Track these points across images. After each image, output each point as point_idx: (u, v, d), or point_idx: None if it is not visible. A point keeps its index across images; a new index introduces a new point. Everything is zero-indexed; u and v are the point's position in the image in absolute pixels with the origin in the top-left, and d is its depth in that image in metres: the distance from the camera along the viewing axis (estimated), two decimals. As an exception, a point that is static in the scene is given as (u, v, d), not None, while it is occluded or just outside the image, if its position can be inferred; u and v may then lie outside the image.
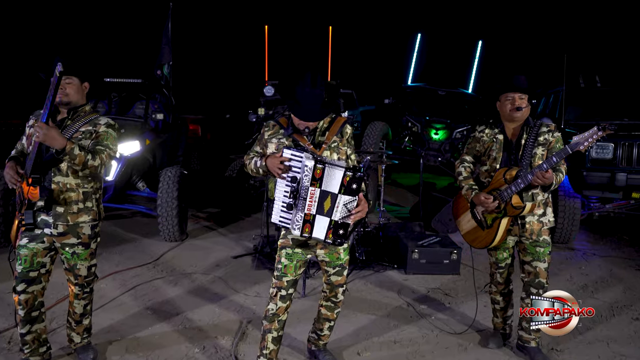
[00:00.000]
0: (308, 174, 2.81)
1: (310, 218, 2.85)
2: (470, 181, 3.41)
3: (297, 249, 3.02)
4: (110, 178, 5.78)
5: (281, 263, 3.02)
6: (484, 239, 3.36)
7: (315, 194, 2.83)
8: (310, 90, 2.85)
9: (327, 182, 2.82)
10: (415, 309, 4.24)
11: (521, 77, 3.32)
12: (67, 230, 3.07)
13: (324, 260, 3.10)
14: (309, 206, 2.84)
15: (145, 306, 4.22)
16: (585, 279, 5.05)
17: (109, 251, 5.68)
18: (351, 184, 2.81)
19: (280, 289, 3.00)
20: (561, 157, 3.04)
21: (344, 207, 2.83)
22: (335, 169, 2.81)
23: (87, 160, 2.92)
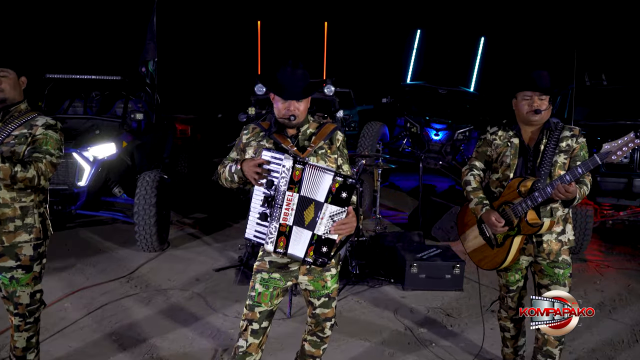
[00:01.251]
0: (286, 175, 2.34)
1: (285, 229, 2.38)
2: (480, 193, 2.93)
3: (274, 274, 2.55)
4: (82, 183, 5.32)
5: (255, 290, 2.55)
6: (493, 259, 2.90)
7: (293, 200, 2.36)
8: (292, 70, 2.49)
9: (309, 187, 2.35)
10: (414, 333, 3.77)
11: (543, 73, 2.81)
12: (2, 252, 2.61)
13: (308, 289, 2.63)
14: (284, 215, 2.37)
15: (110, 330, 3.76)
16: (600, 296, 4.59)
17: (82, 262, 5.23)
18: (340, 192, 2.33)
19: (252, 321, 2.52)
20: (588, 168, 2.57)
21: (329, 219, 2.34)
22: (321, 172, 2.34)
23: (15, 173, 2.45)
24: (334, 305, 2.68)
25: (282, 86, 2.47)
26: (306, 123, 2.61)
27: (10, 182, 2.49)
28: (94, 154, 5.37)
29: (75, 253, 5.47)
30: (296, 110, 2.48)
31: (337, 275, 2.66)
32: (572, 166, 2.78)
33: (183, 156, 8.97)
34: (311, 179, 2.34)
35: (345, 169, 2.68)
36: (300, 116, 2.51)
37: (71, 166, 5.27)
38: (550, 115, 6.65)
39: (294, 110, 2.48)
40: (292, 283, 2.60)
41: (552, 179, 2.75)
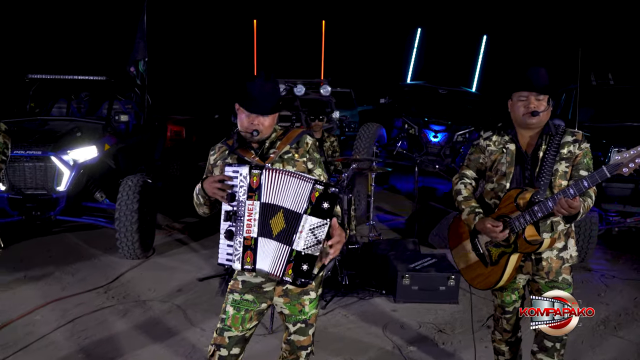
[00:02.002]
0: (244, 184, 2.12)
1: (251, 242, 2.14)
2: (473, 202, 2.65)
3: (247, 295, 2.32)
4: (61, 188, 5.11)
5: (226, 312, 2.32)
6: (487, 278, 2.63)
7: (254, 208, 2.12)
8: (262, 82, 2.27)
9: (272, 193, 2.12)
10: (402, 352, 3.51)
11: (540, 71, 2.54)
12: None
13: (283, 312, 2.39)
14: (247, 226, 2.13)
15: (79, 347, 3.53)
16: (606, 310, 4.31)
17: (62, 270, 5.01)
18: (321, 202, 2.08)
19: (220, 347, 2.29)
20: (595, 181, 2.29)
21: (310, 232, 2.09)
22: (291, 178, 2.11)
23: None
24: (311, 332, 2.42)
25: (249, 98, 2.25)
26: (273, 132, 2.38)
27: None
28: (74, 157, 5.16)
29: (55, 260, 5.26)
30: (260, 125, 2.26)
31: (317, 299, 2.40)
32: (574, 175, 2.52)
33: (176, 158, 8.74)
34: (274, 184, 2.12)
35: (317, 174, 2.44)
36: (264, 131, 2.29)
37: (50, 170, 5.05)
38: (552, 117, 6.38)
39: (257, 125, 2.26)
40: (267, 305, 2.37)
41: (552, 189, 2.49)
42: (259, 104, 2.24)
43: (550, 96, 2.56)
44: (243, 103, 2.27)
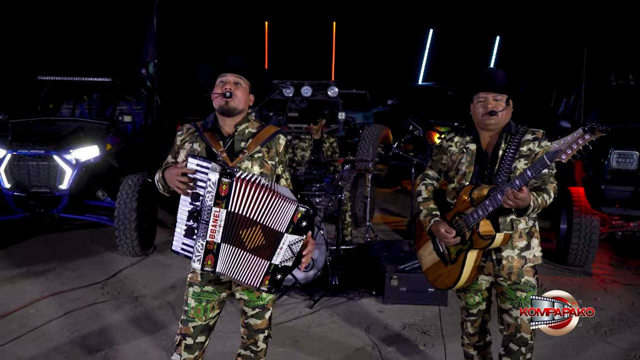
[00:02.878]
0: (212, 190, 2.14)
1: (213, 247, 2.19)
2: (431, 204, 2.66)
3: (207, 287, 2.37)
4: (64, 186, 5.26)
5: (188, 305, 2.38)
6: (447, 277, 2.61)
7: (220, 216, 2.15)
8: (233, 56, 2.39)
9: (242, 203, 2.14)
10: (381, 353, 3.51)
11: (498, 72, 2.57)
12: None
13: (243, 298, 2.44)
14: (212, 232, 2.17)
15: (68, 339, 3.64)
16: (599, 315, 4.20)
17: (63, 266, 5.17)
18: (302, 221, 2.17)
19: (185, 336, 2.35)
20: (537, 170, 2.27)
21: (288, 248, 2.19)
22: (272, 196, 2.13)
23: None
24: (267, 316, 2.48)
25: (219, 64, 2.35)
26: (246, 122, 2.41)
27: None
28: (76, 156, 5.30)
29: (58, 257, 5.42)
30: (231, 87, 2.30)
31: None
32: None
33: (186, 158, 8.87)
34: (248, 198, 2.13)
35: (285, 177, 2.47)
36: (238, 98, 2.31)
37: (52, 169, 5.21)
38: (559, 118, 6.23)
39: (229, 88, 2.30)
40: (227, 294, 2.43)
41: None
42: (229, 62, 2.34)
43: (509, 96, 2.55)
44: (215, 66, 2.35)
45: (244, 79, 2.35)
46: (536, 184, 2.46)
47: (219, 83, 2.32)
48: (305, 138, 5.85)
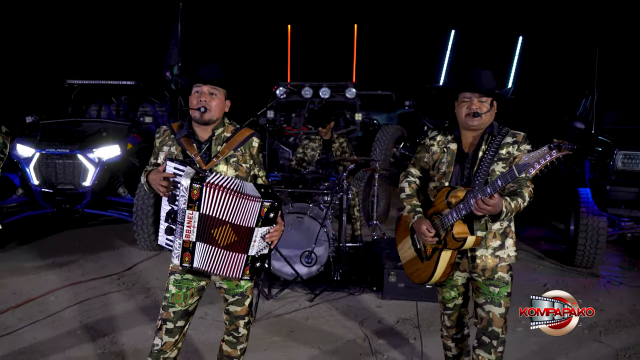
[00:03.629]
0: (184, 194, 2.34)
1: (189, 245, 2.39)
2: (414, 201, 2.76)
3: (187, 275, 2.57)
4: (87, 183, 5.59)
5: (169, 291, 2.58)
6: (423, 272, 2.73)
7: (193, 218, 2.35)
8: (209, 63, 2.56)
9: (213, 206, 2.31)
10: (370, 344, 3.65)
11: (484, 73, 2.61)
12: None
13: (222, 287, 2.64)
14: (187, 232, 2.37)
15: (81, 324, 3.92)
16: (597, 316, 4.19)
17: (86, 258, 5.50)
18: (269, 214, 2.35)
19: (166, 321, 2.56)
20: (507, 181, 2.34)
21: (261, 239, 2.39)
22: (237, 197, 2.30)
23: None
24: (247, 303, 2.66)
25: (195, 75, 2.51)
26: (221, 126, 2.59)
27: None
28: (98, 155, 5.63)
29: (82, 250, 5.77)
30: (206, 102, 2.45)
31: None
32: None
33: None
34: (217, 201, 2.31)
35: (261, 175, 2.65)
36: (213, 111, 2.48)
37: (76, 167, 5.55)
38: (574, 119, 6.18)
39: (204, 101, 2.46)
40: (206, 283, 2.62)
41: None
42: (204, 73, 2.49)
43: (493, 99, 2.63)
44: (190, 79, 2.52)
45: (219, 88, 2.51)
46: (512, 188, 2.53)
47: (194, 93, 2.48)
48: (315, 138, 6.02)
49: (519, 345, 3.69)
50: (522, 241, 6.45)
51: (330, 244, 4.77)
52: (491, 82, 2.60)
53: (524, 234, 6.82)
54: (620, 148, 4.81)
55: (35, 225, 6.34)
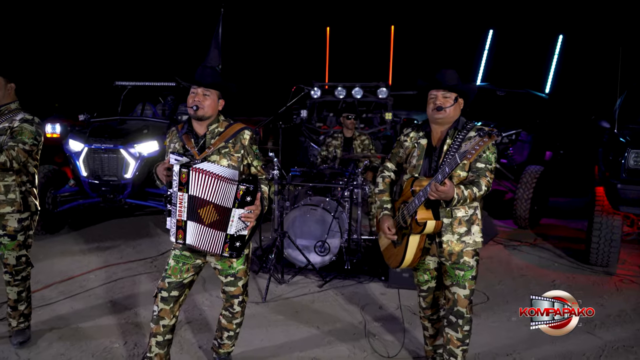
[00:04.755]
0: (176, 178, 2.73)
1: (182, 224, 2.78)
2: (384, 196, 3.04)
3: (185, 252, 2.95)
4: (128, 176, 6.15)
5: (168, 264, 2.98)
6: (396, 257, 2.98)
7: (184, 199, 2.73)
8: (203, 67, 2.90)
9: (199, 188, 2.70)
10: (366, 326, 3.91)
11: (447, 72, 2.88)
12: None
13: (217, 267, 3.01)
14: (179, 211, 2.76)
15: (111, 299, 4.41)
16: (597, 312, 4.21)
17: (126, 244, 6.06)
18: (245, 197, 2.69)
19: (162, 290, 2.95)
20: (451, 167, 2.56)
21: (239, 220, 2.72)
22: (217, 180, 2.66)
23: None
24: (241, 284, 3.00)
25: (192, 78, 2.86)
26: (216, 122, 2.96)
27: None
28: (139, 150, 6.18)
29: (124, 236, 6.35)
30: (199, 101, 2.83)
31: (244, 257, 2.97)
32: (473, 167, 2.78)
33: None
34: (201, 183, 2.67)
35: (255, 164, 2.98)
36: (206, 109, 2.84)
37: (119, 161, 6.12)
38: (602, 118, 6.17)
39: (197, 101, 2.83)
40: (202, 262, 2.98)
41: (452, 179, 2.78)
42: (198, 77, 2.84)
43: (458, 95, 2.85)
44: (186, 81, 2.88)
45: (212, 90, 2.87)
46: (472, 177, 2.76)
47: (191, 93, 2.86)
48: (337, 136, 6.32)
49: (510, 333, 3.86)
50: (546, 240, 6.49)
51: (343, 235, 5.06)
52: (454, 80, 2.83)
53: (552, 233, 6.84)
54: (633, 147, 4.81)
55: (85, 214, 7.01)
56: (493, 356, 3.50)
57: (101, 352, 3.47)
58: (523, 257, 5.81)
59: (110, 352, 3.46)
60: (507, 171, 7.48)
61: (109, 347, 3.52)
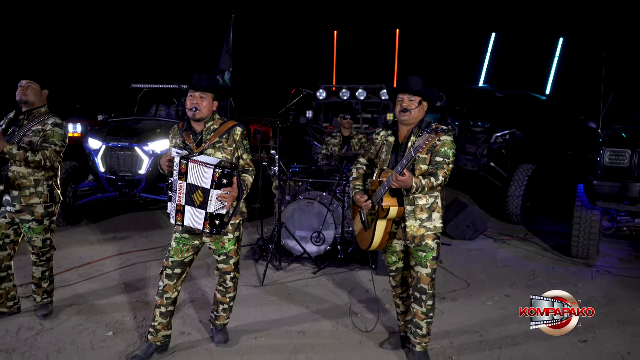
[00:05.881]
0: (177, 169, 3.18)
1: (181, 208, 3.22)
2: (358, 182, 3.45)
3: (185, 235, 3.39)
4: (142, 172, 6.64)
5: (171, 246, 3.42)
6: (366, 240, 3.37)
7: (183, 186, 3.18)
8: (199, 74, 3.30)
9: (194, 177, 3.14)
10: (351, 307, 4.32)
11: (413, 79, 3.27)
12: (22, 209, 3.78)
13: (211, 248, 3.44)
14: (179, 197, 3.20)
15: (125, 281, 4.89)
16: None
17: (139, 235, 6.56)
18: (222, 179, 3.11)
19: (166, 268, 3.39)
20: (408, 159, 2.95)
21: (217, 200, 3.14)
22: (202, 167, 3.12)
23: (27, 157, 3.58)
24: (232, 262, 3.44)
25: (190, 83, 3.29)
26: (212, 121, 3.39)
27: (25, 163, 3.65)
28: (152, 148, 6.66)
29: (138, 228, 6.85)
30: (197, 104, 3.26)
31: (234, 239, 3.41)
32: (433, 161, 3.17)
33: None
34: (195, 171, 3.13)
35: (244, 157, 3.41)
36: (203, 111, 3.27)
37: (134, 158, 6.62)
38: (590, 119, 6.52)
39: (195, 103, 3.26)
40: (199, 243, 3.41)
41: (414, 171, 3.17)
42: (195, 83, 3.26)
43: (422, 98, 3.24)
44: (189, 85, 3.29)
45: (207, 93, 3.31)
46: (431, 170, 3.15)
47: (189, 96, 3.29)
48: (336, 135, 6.74)
49: (482, 315, 4.23)
50: (536, 235, 6.81)
51: (337, 227, 5.47)
52: (418, 85, 3.22)
53: (543, 229, 7.15)
54: (608, 146, 5.13)
55: (103, 208, 7.54)
56: (462, 333, 3.87)
57: (114, 324, 3.93)
58: (510, 250, 6.15)
59: (122, 325, 3.93)
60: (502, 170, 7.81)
61: (121, 320, 3.99)
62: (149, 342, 3.43)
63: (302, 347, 3.60)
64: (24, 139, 3.75)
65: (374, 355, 3.52)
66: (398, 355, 3.51)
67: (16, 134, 3.76)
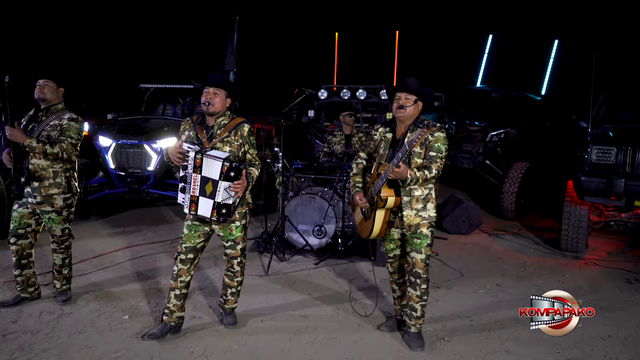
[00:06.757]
0: (192, 163, 3.45)
1: (194, 199, 3.49)
2: (357, 178, 3.72)
3: (196, 222, 3.66)
4: (151, 168, 6.92)
5: (183, 232, 3.69)
6: (366, 229, 3.64)
7: (197, 179, 3.45)
8: (213, 73, 3.58)
9: (207, 169, 3.42)
10: (350, 293, 4.59)
11: (410, 79, 3.54)
12: (42, 200, 4.05)
13: (219, 234, 3.71)
14: (193, 189, 3.47)
15: (136, 271, 5.16)
16: (555, 287, 4.87)
17: (148, 229, 6.83)
18: (229, 172, 3.39)
19: (180, 253, 3.66)
20: (403, 152, 3.22)
21: (224, 190, 3.42)
22: (214, 160, 3.40)
23: (46, 149, 3.86)
24: (239, 248, 3.71)
25: (205, 80, 3.57)
26: (223, 116, 3.66)
27: (43, 155, 3.92)
28: (160, 145, 6.94)
29: (147, 222, 7.12)
30: (210, 99, 3.52)
31: (241, 226, 3.68)
32: (427, 155, 3.43)
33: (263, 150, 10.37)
34: (208, 165, 3.40)
35: (251, 152, 3.68)
36: (215, 105, 3.54)
37: (143, 155, 6.89)
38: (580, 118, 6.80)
39: (209, 98, 3.53)
40: (209, 229, 3.68)
41: (410, 165, 3.44)
42: (210, 79, 3.53)
43: (418, 97, 3.51)
44: (202, 82, 3.55)
45: (221, 89, 3.59)
46: (425, 163, 3.42)
47: (204, 93, 3.57)
48: (337, 134, 7.00)
49: (474, 302, 4.50)
50: (529, 230, 7.08)
51: (338, 221, 5.74)
52: (414, 85, 3.49)
53: (536, 224, 7.42)
54: (594, 144, 5.40)
55: (112, 204, 7.81)
56: (455, 317, 4.14)
57: (129, 308, 4.20)
58: (503, 243, 6.42)
59: (136, 309, 4.20)
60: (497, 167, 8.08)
61: (135, 305, 4.26)
62: (164, 322, 3.71)
63: (305, 329, 3.87)
64: (42, 133, 4.02)
65: (372, 336, 3.79)
66: (394, 337, 3.78)
67: (35, 129, 4.03)
